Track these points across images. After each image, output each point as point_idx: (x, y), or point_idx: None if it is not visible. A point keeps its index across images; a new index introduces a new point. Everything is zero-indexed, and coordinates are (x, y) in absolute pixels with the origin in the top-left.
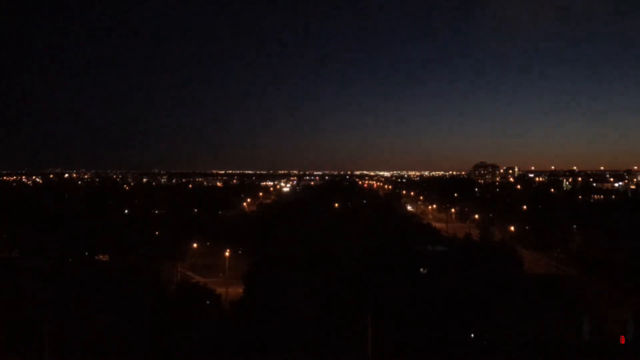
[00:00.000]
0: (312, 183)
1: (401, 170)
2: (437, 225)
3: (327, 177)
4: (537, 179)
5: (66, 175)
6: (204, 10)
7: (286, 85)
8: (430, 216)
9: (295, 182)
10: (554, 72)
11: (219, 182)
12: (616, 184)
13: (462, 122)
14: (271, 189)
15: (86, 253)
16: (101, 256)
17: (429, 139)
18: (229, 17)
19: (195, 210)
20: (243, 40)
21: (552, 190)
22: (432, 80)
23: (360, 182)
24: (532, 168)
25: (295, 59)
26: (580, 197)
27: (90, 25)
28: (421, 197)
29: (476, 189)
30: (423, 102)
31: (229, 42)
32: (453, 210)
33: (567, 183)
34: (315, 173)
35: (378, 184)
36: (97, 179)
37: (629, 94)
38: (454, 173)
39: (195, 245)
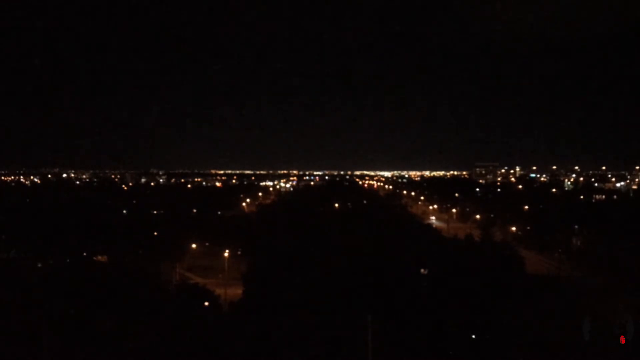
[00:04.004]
0: (312, 183)
1: (402, 170)
2: (438, 225)
3: (327, 177)
4: (538, 178)
5: (64, 175)
6: (202, 11)
7: (286, 86)
8: (431, 216)
9: (295, 182)
10: (555, 70)
11: (218, 182)
12: (618, 184)
13: (463, 122)
14: (271, 189)
15: (84, 254)
16: (99, 257)
17: (429, 138)
18: (227, 17)
19: (194, 210)
20: (242, 40)
21: (554, 190)
22: (431, 79)
23: (360, 182)
24: (534, 168)
25: (295, 59)
26: (581, 197)
27: (88, 25)
28: (422, 197)
29: (477, 189)
30: (423, 101)
31: (228, 42)
32: (454, 210)
33: (569, 183)
34: (315, 173)
35: (378, 184)
36: (95, 179)
37: (631, 93)
38: (455, 173)
39: (194, 245)
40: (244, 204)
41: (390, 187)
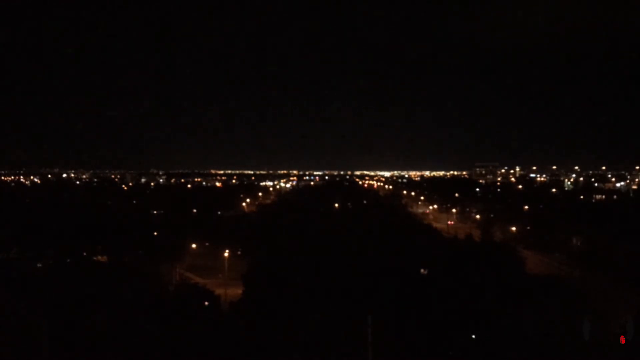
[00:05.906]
0: (312, 183)
1: (401, 170)
2: (438, 225)
3: (327, 177)
4: (538, 179)
5: (64, 175)
6: (203, 11)
7: (286, 85)
8: (431, 217)
9: (295, 182)
10: (555, 70)
11: (218, 182)
12: (618, 184)
13: (463, 122)
14: (271, 189)
15: (84, 254)
16: (99, 257)
17: (429, 138)
18: (229, 17)
19: (194, 210)
20: (242, 41)
21: (554, 190)
22: (431, 79)
23: (360, 182)
24: (534, 168)
25: (295, 59)
26: (581, 197)
27: (88, 25)
28: (422, 198)
29: (477, 189)
30: (423, 100)
31: (229, 42)
32: (454, 210)
33: (569, 183)
34: (315, 173)
35: (378, 184)
36: (95, 179)
37: (631, 93)
38: (455, 173)
39: (194, 245)
40: (244, 204)
41: (390, 187)
